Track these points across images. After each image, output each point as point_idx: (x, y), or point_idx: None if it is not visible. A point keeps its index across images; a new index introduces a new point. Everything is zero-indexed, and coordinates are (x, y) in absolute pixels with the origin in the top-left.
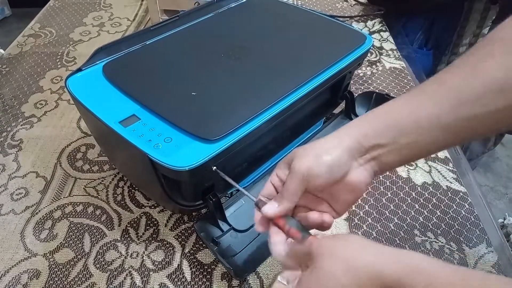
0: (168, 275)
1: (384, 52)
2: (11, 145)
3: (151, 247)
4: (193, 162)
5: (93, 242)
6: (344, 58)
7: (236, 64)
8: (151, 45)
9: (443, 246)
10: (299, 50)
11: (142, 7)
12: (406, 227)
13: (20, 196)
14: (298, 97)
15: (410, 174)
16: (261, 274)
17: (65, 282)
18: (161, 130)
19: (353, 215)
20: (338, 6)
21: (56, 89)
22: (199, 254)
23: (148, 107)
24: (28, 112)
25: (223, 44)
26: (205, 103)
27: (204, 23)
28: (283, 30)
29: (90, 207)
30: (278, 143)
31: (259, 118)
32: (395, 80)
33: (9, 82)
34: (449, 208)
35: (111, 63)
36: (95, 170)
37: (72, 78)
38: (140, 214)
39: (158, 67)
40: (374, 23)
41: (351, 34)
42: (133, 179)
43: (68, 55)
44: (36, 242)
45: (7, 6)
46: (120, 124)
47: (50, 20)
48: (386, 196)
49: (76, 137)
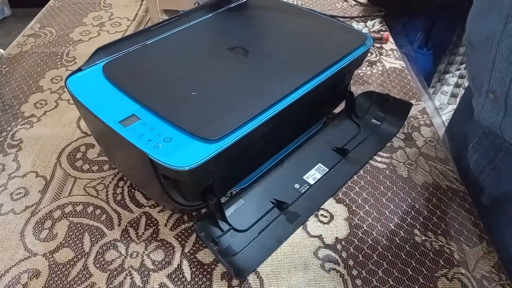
0: (168, 275)
1: (384, 52)
2: (11, 144)
3: (151, 247)
4: (193, 162)
5: (93, 242)
6: (344, 58)
7: (236, 64)
8: (151, 45)
9: (443, 246)
10: (299, 50)
11: (142, 7)
12: (406, 227)
13: (20, 196)
14: (298, 97)
15: (410, 174)
16: (261, 274)
17: (65, 282)
18: (161, 130)
19: (353, 215)
20: (338, 6)
21: (56, 89)
22: (199, 254)
23: (148, 107)
24: (28, 112)
25: (223, 44)
26: (205, 103)
27: (204, 23)
28: (283, 30)
29: (90, 207)
30: (278, 143)
31: (259, 118)
32: (395, 80)
33: (9, 82)
34: (449, 208)
35: (111, 63)
36: (95, 170)
37: (72, 78)
38: (140, 214)
39: (158, 67)
40: (374, 23)
41: (351, 34)
42: (133, 179)
43: (68, 55)
44: (36, 242)
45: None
46: (120, 124)
47: (50, 20)
48: (386, 196)
49: (76, 137)
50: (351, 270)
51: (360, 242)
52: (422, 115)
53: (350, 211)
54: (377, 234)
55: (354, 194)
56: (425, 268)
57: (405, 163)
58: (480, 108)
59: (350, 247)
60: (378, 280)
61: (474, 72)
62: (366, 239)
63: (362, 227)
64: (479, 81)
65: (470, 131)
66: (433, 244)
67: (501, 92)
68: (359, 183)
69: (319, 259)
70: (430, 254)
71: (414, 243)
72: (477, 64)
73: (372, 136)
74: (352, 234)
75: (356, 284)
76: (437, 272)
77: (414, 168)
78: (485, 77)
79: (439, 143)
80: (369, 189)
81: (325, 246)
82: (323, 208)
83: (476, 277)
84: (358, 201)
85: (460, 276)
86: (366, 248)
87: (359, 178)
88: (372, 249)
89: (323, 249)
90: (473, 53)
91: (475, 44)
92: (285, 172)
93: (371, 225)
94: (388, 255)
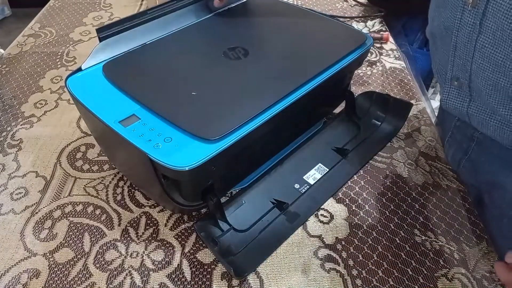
0: (168, 275)
1: (384, 52)
2: (11, 144)
3: (151, 246)
4: (193, 162)
5: (93, 242)
6: (344, 58)
7: (236, 64)
8: (151, 45)
9: (443, 246)
10: (299, 50)
11: (142, 7)
12: (407, 226)
13: (20, 195)
14: (298, 97)
15: (410, 174)
16: (261, 274)
17: (65, 282)
18: (161, 130)
19: (354, 215)
20: (338, 6)
21: (56, 88)
22: (199, 254)
23: (148, 107)
24: (28, 112)
25: (223, 44)
26: (205, 103)
27: (204, 23)
28: (283, 30)
29: (90, 207)
30: (278, 143)
31: (259, 118)
32: (395, 80)
33: (9, 82)
34: (449, 208)
35: (111, 63)
36: (95, 169)
37: (72, 78)
38: (140, 213)
39: (158, 67)
40: (374, 23)
41: (351, 34)
42: (133, 178)
43: (68, 55)
44: (36, 242)
45: (7, 6)
46: (120, 123)
47: (50, 20)
48: (386, 196)
49: (76, 137)
50: (351, 270)
51: (360, 242)
52: (422, 115)
53: (350, 211)
54: (377, 234)
55: (354, 194)
56: (425, 268)
57: (405, 163)
58: (446, 96)
59: (350, 247)
60: (378, 280)
61: (438, 63)
62: (366, 239)
63: (362, 227)
64: (443, 70)
65: (446, 127)
66: (433, 244)
67: (464, 78)
68: (359, 183)
69: (319, 259)
70: (430, 254)
71: (414, 243)
72: (440, 54)
73: (372, 136)
74: (352, 234)
75: (356, 284)
76: (437, 272)
77: (414, 168)
78: (448, 65)
79: (439, 143)
80: (369, 189)
81: (325, 246)
82: (323, 208)
83: (476, 277)
84: (358, 201)
85: (460, 276)
86: (366, 248)
87: (359, 178)
88: (372, 249)
89: (323, 249)
90: (436, 44)
91: (437, 35)
92: (285, 172)
93: (371, 225)
94: (388, 255)
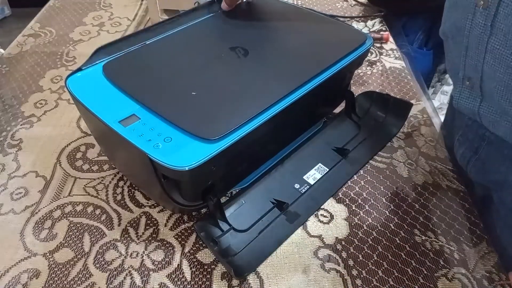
0: (168, 275)
1: (384, 52)
2: (11, 144)
3: (151, 246)
4: (193, 162)
5: (92, 242)
6: (344, 58)
7: (236, 64)
8: (151, 45)
9: (443, 245)
10: (299, 50)
11: (142, 7)
12: (407, 227)
13: (19, 195)
14: (298, 96)
15: (410, 174)
16: (261, 274)
17: (65, 282)
18: (161, 130)
19: (353, 215)
20: (338, 6)
21: (56, 88)
22: (199, 254)
23: (148, 106)
24: (28, 111)
25: (223, 44)
26: (205, 103)
27: (204, 23)
28: (283, 30)
29: (90, 207)
30: (278, 143)
31: (259, 118)
32: (395, 80)
33: (9, 82)
34: (449, 208)
35: (111, 63)
36: (95, 169)
37: (72, 77)
38: (140, 213)
39: (158, 66)
40: (374, 23)
41: (351, 34)
42: (133, 178)
43: (68, 55)
44: (35, 242)
45: (7, 6)
46: (120, 123)
47: (50, 20)
48: (386, 196)
49: (76, 137)
50: (351, 270)
51: (360, 242)
52: (422, 115)
53: (350, 211)
54: (377, 234)
55: (354, 194)
56: (425, 268)
57: (405, 163)
58: (458, 96)
59: (350, 247)
60: (378, 280)
61: (451, 62)
62: (366, 239)
63: (362, 227)
64: (455, 70)
65: (457, 126)
66: (433, 244)
67: (476, 79)
68: (359, 183)
69: (319, 259)
70: (430, 254)
71: (414, 243)
72: (452, 53)
73: (372, 136)
74: (352, 234)
75: (356, 284)
76: (437, 272)
77: (414, 168)
78: (460, 65)
79: (439, 143)
80: (369, 189)
81: (325, 246)
82: (323, 208)
83: (476, 277)
84: (358, 201)
85: (460, 276)
86: (366, 248)
87: (359, 178)
88: (372, 249)
89: (323, 249)
90: (449, 44)
91: (449, 35)
92: (285, 172)
93: (371, 225)
94: (388, 255)
